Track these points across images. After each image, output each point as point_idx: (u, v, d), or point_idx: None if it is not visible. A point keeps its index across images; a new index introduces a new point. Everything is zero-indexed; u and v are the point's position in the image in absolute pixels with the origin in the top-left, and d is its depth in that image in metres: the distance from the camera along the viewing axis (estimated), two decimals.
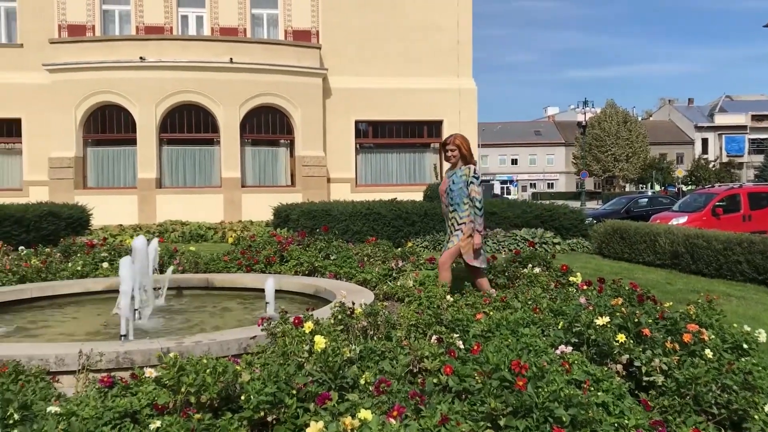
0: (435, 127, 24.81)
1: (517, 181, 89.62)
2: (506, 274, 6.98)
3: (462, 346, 3.98)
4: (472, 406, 3.05)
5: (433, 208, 14.36)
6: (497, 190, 62.69)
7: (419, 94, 23.96)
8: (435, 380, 3.42)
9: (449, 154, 6.61)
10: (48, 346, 4.68)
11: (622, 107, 76.55)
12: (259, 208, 20.37)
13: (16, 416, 2.95)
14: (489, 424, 2.83)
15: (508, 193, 77.74)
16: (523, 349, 3.55)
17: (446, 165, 6.99)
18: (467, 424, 2.76)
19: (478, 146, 28.72)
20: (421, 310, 4.92)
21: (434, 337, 4.10)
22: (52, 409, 3.15)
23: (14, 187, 22.77)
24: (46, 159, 21.71)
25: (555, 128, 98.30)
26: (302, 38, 23.71)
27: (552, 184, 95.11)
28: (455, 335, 4.15)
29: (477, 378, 3.10)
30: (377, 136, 24.84)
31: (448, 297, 5.34)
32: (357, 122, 24.33)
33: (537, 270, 6.90)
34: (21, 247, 9.62)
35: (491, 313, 4.86)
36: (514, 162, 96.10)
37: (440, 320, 4.61)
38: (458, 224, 6.53)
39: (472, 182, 6.47)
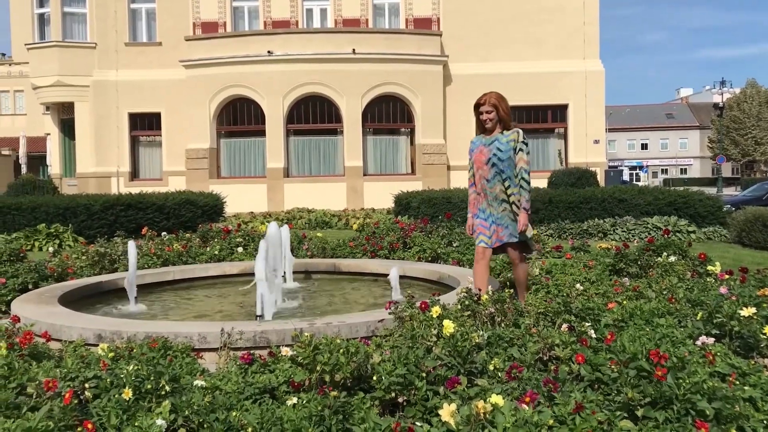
0: (560, 111, 24.15)
1: (647, 166, 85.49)
2: (639, 263, 6.69)
3: (593, 335, 3.87)
4: (606, 395, 2.97)
5: (557, 196, 14.00)
6: (626, 176, 60.12)
7: (543, 78, 23.37)
8: (566, 369, 3.36)
9: (484, 116, 5.47)
10: (192, 324, 5.00)
11: (764, 86, 71.16)
12: (380, 196, 20.67)
13: (167, 387, 3.16)
14: (626, 414, 2.74)
15: (638, 179, 74.42)
16: (660, 339, 3.40)
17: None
18: (602, 413, 2.69)
19: (606, 131, 27.68)
20: (549, 298, 4.82)
21: (564, 325, 4.01)
22: (198, 382, 3.35)
23: (155, 177, 24.41)
24: (183, 150, 23.08)
25: (688, 111, 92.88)
26: (423, 26, 23.74)
27: (685, 169, 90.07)
28: (587, 324, 4.04)
29: (613, 367, 3.00)
30: None
31: (578, 285, 5.21)
32: None
33: (672, 259, 6.58)
34: (164, 233, 10.30)
35: (624, 302, 4.69)
36: (644, 147, 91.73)
37: (569, 309, 4.51)
38: (512, 201, 5.45)
39: (521, 149, 5.41)
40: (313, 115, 23.12)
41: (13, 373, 3.22)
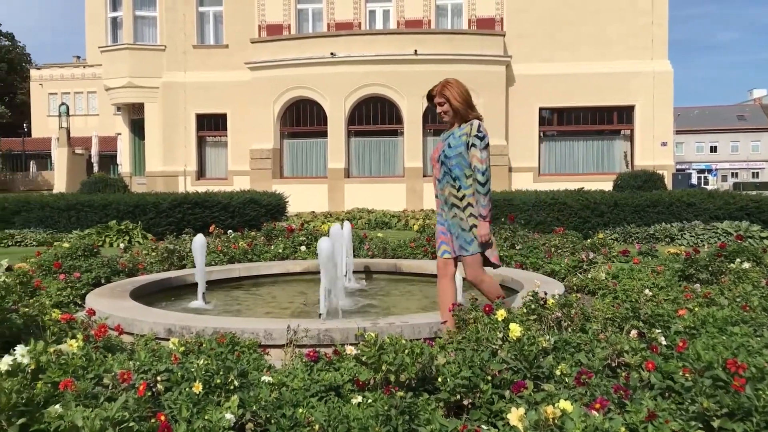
0: (626, 112, 23.59)
1: (716, 170, 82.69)
2: (710, 269, 6.47)
3: (664, 342, 3.77)
4: (678, 404, 2.88)
5: (624, 199, 13.68)
6: (694, 180, 58.29)
7: (609, 79, 22.89)
8: (636, 376, 3.28)
9: (438, 109, 4.82)
10: (258, 321, 5.09)
11: None
12: None
13: (236, 383, 3.23)
14: (700, 425, 2.66)
15: (706, 183, 72.12)
16: (738, 348, 3.29)
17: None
18: (676, 423, 2.61)
19: (674, 133, 26.88)
20: (617, 303, 4.72)
21: (633, 331, 3.92)
22: (265, 378, 3.41)
23: (221, 177, 24.98)
24: (248, 150, 23.52)
25: (762, 112, 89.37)
26: (486, 26, 23.56)
27: (757, 173, 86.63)
28: (656, 330, 3.94)
29: (687, 376, 2.92)
30: (562, 123, 24.11)
31: (647, 291, 5.07)
32: (541, 109, 23.78)
33: (746, 265, 6.34)
34: (230, 231, 10.53)
35: (695, 309, 4.55)
36: (713, 150, 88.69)
37: (638, 315, 4.40)
38: (464, 206, 4.62)
39: (473, 144, 4.55)
40: (374, 116, 23.23)
41: (90, 364, 3.33)
